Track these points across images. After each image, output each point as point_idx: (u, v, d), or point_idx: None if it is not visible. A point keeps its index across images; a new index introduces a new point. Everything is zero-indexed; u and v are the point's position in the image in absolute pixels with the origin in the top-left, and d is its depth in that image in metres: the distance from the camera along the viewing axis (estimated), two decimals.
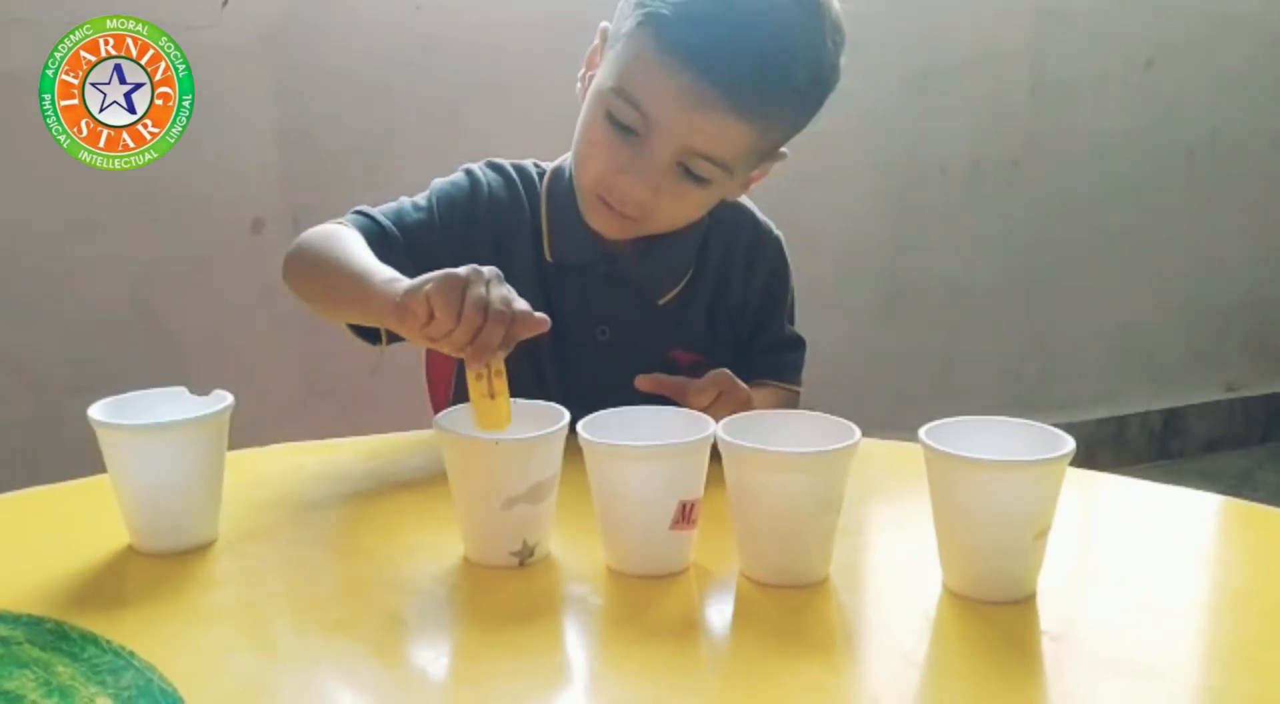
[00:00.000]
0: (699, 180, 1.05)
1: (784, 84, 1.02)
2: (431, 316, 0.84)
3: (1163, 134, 2.72)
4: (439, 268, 1.07)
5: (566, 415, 0.84)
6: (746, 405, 1.02)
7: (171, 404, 0.86)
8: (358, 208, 1.11)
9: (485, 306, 0.84)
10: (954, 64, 2.49)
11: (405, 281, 0.90)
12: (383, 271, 0.95)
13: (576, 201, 1.12)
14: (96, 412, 0.83)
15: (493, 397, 0.85)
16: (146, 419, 0.83)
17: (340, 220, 1.09)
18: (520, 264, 1.13)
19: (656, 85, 1.01)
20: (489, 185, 1.15)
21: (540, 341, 1.13)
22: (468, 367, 0.85)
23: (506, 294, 0.86)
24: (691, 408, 1.00)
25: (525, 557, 0.83)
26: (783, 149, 1.11)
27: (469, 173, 1.16)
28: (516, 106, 2.00)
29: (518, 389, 1.15)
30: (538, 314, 0.87)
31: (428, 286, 0.85)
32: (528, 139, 1.32)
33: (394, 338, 1.11)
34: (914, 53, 2.45)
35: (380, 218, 1.10)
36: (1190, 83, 2.72)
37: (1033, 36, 2.55)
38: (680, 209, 1.09)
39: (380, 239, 1.07)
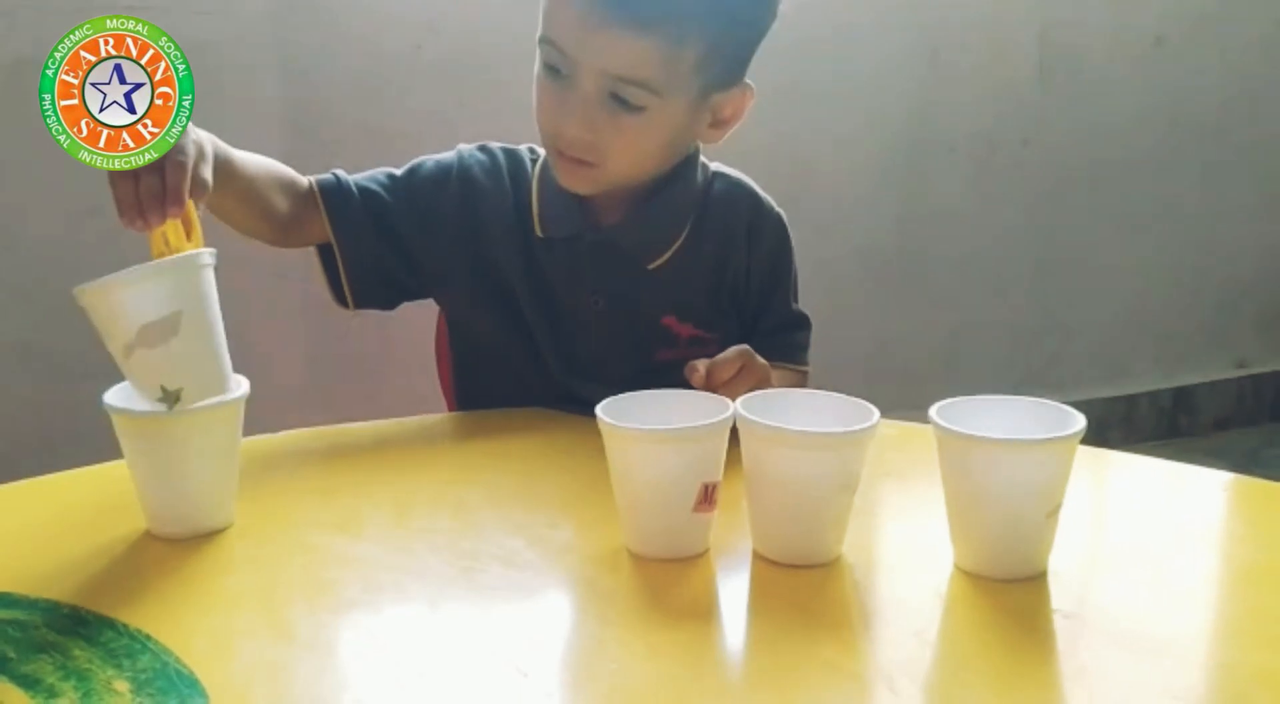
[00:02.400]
0: (632, 108, 1.05)
1: None
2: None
3: (1172, 112, 2.71)
4: (399, 234, 1.14)
5: (196, 255, 0.82)
6: (766, 381, 1.03)
7: None
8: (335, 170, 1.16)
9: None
10: (962, 43, 2.48)
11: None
12: None
13: None
14: (113, 397, 0.83)
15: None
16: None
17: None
18: (510, 241, 1.15)
19: (561, 18, 1.04)
20: (469, 166, 1.17)
21: (536, 315, 1.14)
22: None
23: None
24: (715, 381, 1.01)
25: (172, 402, 0.80)
26: (747, 80, 1.11)
27: (459, 152, 1.19)
28: (520, 89, 1.99)
29: (513, 362, 1.16)
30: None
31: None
32: (532, 122, 1.31)
33: (361, 302, 1.16)
34: (922, 31, 2.44)
35: (341, 174, 1.15)
36: (1200, 60, 2.70)
37: (1042, 14, 2.53)
38: (627, 144, 1.08)
39: (335, 191, 1.13)
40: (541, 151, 1.19)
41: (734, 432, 0.81)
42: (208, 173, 0.89)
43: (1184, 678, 0.69)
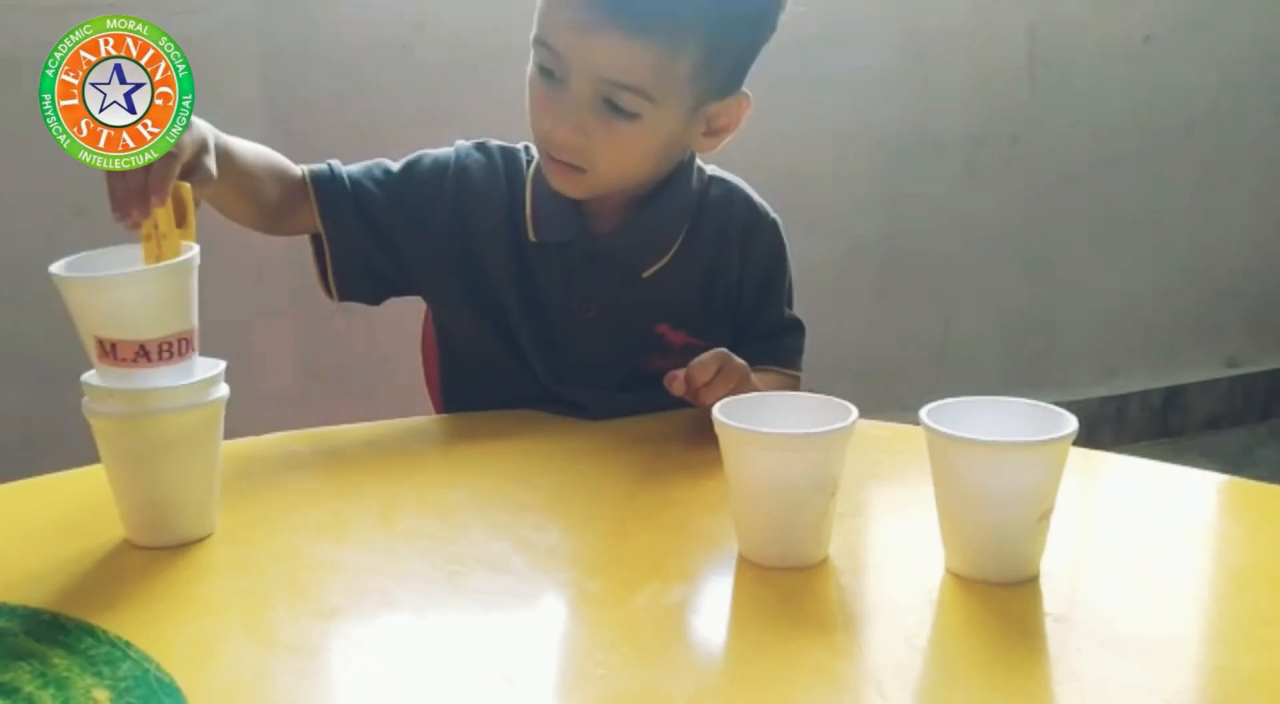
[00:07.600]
0: (625, 114, 1.04)
1: None
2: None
3: (1161, 110, 2.71)
4: (388, 229, 1.13)
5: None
6: (746, 381, 1.02)
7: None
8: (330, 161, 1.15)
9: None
10: (951, 40, 2.48)
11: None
12: None
13: None
14: (91, 400, 0.81)
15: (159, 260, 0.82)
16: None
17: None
18: (501, 244, 1.13)
19: (556, 20, 1.04)
20: (466, 165, 1.16)
21: (524, 319, 1.13)
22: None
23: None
24: (694, 384, 1.00)
25: None
26: (744, 89, 1.10)
27: (456, 150, 1.17)
28: (508, 88, 1.97)
29: (499, 365, 1.15)
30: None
31: None
32: (520, 122, 1.31)
33: (345, 294, 1.15)
34: (911, 29, 2.43)
35: (336, 165, 1.14)
36: (1189, 58, 2.70)
37: (1030, 12, 2.53)
38: (618, 150, 1.07)
39: (328, 181, 1.12)
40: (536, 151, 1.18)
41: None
42: (210, 163, 0.90)
43: (1176, 681, 0.68)
